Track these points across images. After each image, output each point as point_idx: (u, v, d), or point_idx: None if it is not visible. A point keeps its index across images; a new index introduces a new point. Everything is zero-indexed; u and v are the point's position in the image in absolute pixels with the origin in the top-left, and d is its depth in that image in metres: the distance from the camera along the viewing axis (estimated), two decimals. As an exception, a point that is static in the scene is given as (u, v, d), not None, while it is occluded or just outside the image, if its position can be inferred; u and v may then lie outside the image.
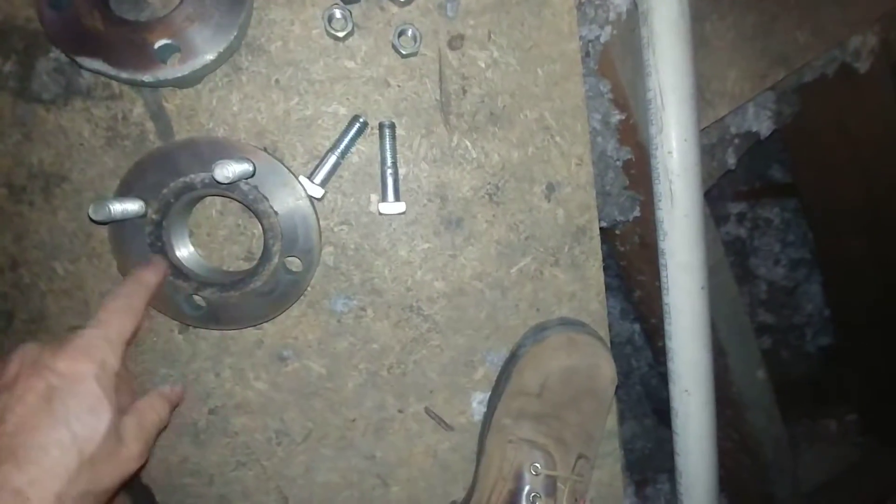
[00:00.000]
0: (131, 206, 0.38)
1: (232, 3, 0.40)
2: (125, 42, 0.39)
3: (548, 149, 0.50)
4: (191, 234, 0.45)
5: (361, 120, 0.45)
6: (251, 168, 0.39)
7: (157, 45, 0.39)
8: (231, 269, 0.46)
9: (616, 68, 0.59)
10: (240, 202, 0.42)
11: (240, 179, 0.39)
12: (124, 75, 0.39)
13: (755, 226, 1.15)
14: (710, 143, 0.72)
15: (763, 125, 0.72)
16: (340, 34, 0.43)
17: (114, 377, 0.36)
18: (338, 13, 0.43)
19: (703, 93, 0.61)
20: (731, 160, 0.75)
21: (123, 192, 0.40)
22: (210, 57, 0.40)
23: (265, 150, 0.44)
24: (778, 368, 1.18)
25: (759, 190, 1.13)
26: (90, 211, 0.37)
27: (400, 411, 0.52)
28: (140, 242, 0.41)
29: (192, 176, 0.39)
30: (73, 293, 0.46)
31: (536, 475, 0.45)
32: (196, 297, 0.43)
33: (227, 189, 0.40)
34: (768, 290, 1.17)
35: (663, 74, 0.53)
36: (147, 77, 0.39)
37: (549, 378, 0.47)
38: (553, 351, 0.48)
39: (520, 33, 0.48)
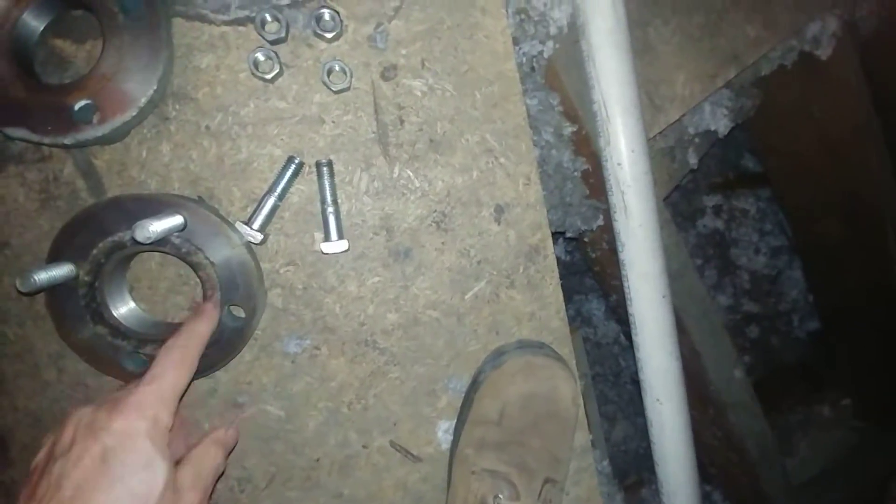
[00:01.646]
0: (59, 272, 0.38)
1: (149, 57, 0.39)
2: (45, 107, 0.38)
3: (493, 171, 0.50)
4: (131, 290, 0.44)
5: (297, 161, 0.44)
6: (181, 221, 0.38)
7: (76, 107, 0.38)
8: (176, 321, 0.45)
9: (563, 81, 0.58)
10: (172, 255, 0.41)
11: (167, 235, 0.38)
12: (47, 140, 0.38)
13: (732, 217, 1.14)
14: (668, 145, 0.71)
15: (720, 123, 0.71)
16: (268, 76, 0.43)
17: (166, 432, 0.36)
18: (261, 56, 0.42)
19: (652, 98, 0.61)
20: (693, 160, 0.75)
21: (53, 257, 0.40)
22: (131, 113, 0.39)
23: (199, 198, 0.43)
24: (768, 358, 1.17)
25: (732, 181, 1.13)
26: (17, 284, 0.36)
27: (364, 447, 0.51)
28: (75, 304, 0.40)
29: (121, 234, 0.39)
30: (24, 356, 0.46)
31: (500, 506, 0.44)
32: (141, 354, 0.42)
33: (159, 244, 0.39)
34: (751, 280, 1.16)
35: (605, 86, 0.52)
36: (67, 140, 0.39)
37: (507, 405, 0.47)
38: (510, 377, 0.47)
39: (454, 58, 0.48)
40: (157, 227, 0.35)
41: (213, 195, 0.45)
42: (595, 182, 0.66)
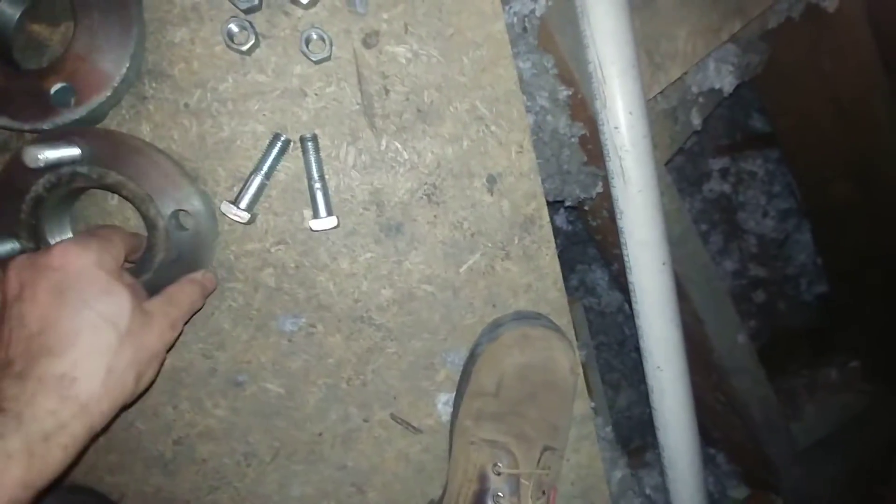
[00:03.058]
0: (2, 248, 0.37)
1: (121, 33, 0.38)
2: (23, 93, 0.37)
3: (484, 140, 0.48)
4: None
5: (283, 138, 0.43)
6: (77, 151, 0.36)
7: (52, 91, 0.37)
8: None
9: (557, 42, 0.56)
10: (91, 187, 0.39)
11: (64, 161, 0.36)
12: (27, 126, 0.37)
13: (739, 180, 1.11)
14: (670, 106, 0.68)
15: (725, 81, 0.68)
16: (244, 48, 0.41)
17: (117, 267, 0.35)
18: (234, 27, 0.40)
19: (651, 56, 0.58)
20: (697, 121, 0.72)
21: None
22: (106, 93, 0.38)
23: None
24: (775, 322, 1.16)
25: (739, 142, 1.09)
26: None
27: (365, 420, 0.52)
28: None
29: (34, 188, 0.37)
30: None
31: (499, 475, 0.44)
32: None
33: (70, 182, 0.37)
34: (759, 244, 1.14)
35: (601, 45, 0.50)
36: (46, 125, 0.38)
37: (504, 377, 0.47)
38: (507, 349, 0.47)
39: (439, 21, 0.45)
40: (47, 152, 0.33)
41: (198, 175, 0.44)
42: (593, 148, 0.64)
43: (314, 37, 0.42)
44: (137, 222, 0.44)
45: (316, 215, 0.45)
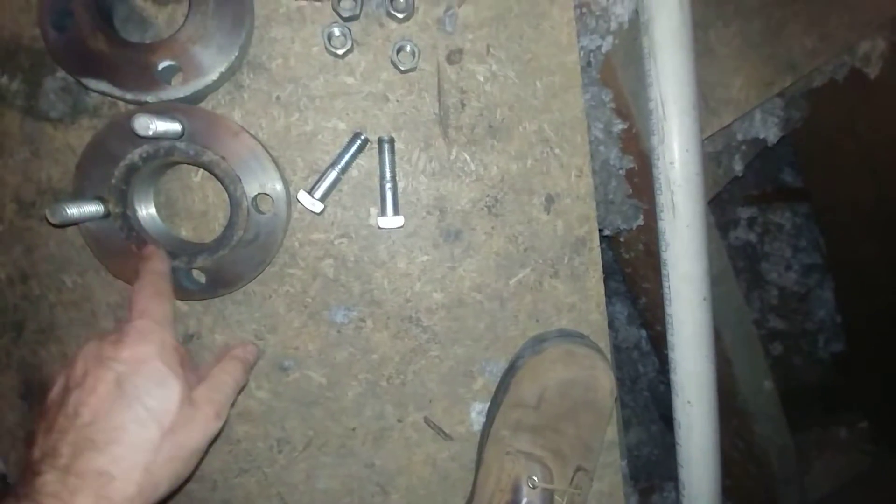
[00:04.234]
0: (89, 208, 0.39)
1: (233, 24, 0.41)
2: (129, 63, 0.40)
3: (547, 160, 0.50)
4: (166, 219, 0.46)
5: (363, 137, 0.46)
6: (178, 125, 0.38)
7: (160, 67, 0.40)
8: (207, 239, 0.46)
9: (618, 77, 0.59)
10: (185, 163, 0.41)
11: (169, 136, 0.38)
12: (129, 96, 0.40)
13: (766, 230, 1.13)
14: (715, 150, 0.71)
15: (770, 132, 0.71)
16: (340, 51, 0.44)
17: (175, 353, 0.37)
18: (337, 31, 0.43)
19: (707, 101, 0.61)
20: (738, 167, 0.74)
21: (78, 198, 0.40)
22: (212, 77, 0.41)
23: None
24: (789, 376, 1.16)
25: (769, 194, 1.11)
26: (47, 214, 0.37)
27: (399, 420, 0.52)
28: (116, 239, 0.41)
29: (130, 156, 0.39)
30: (82, 305, 0.48)
31: (533, 488, 0.45)
32: (194, 272, 0.43)
33: (167, 154, 0.39)
34: (780, 296, 1.15)
35: (665, 85, 0.52)
36: (150, 98, 0.40)
37: (546, 390, 0.47)
38: (551, 363, 0.48)
39: (518, 46, 0.48)
40: (158, 123, 0.35)
41: (278, 164, 0.46)
42: (639, 181, 0.66)
43: (407, 48, 0.45)
44: (215, 200, 0.46)
45: (383, 213, 0.47)
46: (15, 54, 0.45)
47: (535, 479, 0.45)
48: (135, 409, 0.34)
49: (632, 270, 0.82)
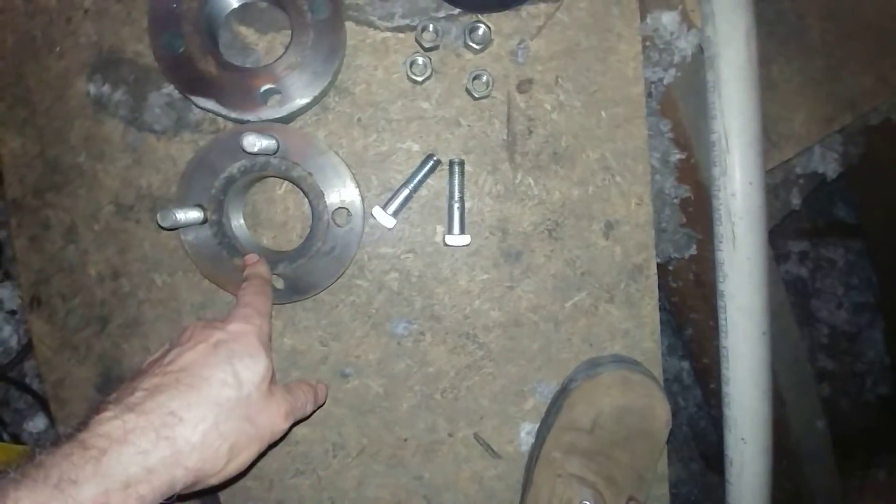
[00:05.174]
0: (192, 214, 0.43)
1: (328, 53, 0.44)
2: (234, 86, 0.44)
3: (608, 188, 0.52)
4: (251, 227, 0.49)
5: (435, 158, 0.48)
6: (274, 143, 0.42)
7: (261, 90, 0.43)
8: (286, 248, 0.49)
9: (678, 109, 0.60)
10: (276, 177, 0.45)
11: (266, 151, 0.42)
12: (233, 115, 0.44)
13: (818, 266, 1.09)
14: (773, 182, 0.70)
15: (829, 167, 0.70)
16: (419, 78, 0.47)
17: (268, 340, 0.39)
18: (420, 60, 0.46)
19: (769, 134, 0.61)
20: (796, 201, 0.73)
21: (181, 205, 0.44)
22: (306, 100, 0.44)
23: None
24: (836, 419, 1.10)
25: (822, 229, 1.08)
26: (158, 218, 0.41)
27: (450, 435, 0.53)
28: (209, 244, 0.45)
29: (229, 169, 0.43)
30: (168, 303, 0.51)
31: (586, 513, 0.45)
32: (273, 278, 0.46)
33: (262, 168, 0.43)
34: (830, 335, 1.11)
35: (729, 118, 0.53)
36: (251, 117, 0.44)
37: (601, 415, 0.48)
38: (606, 388, 0.48)
39: (585, 78, 0.51)
40: (261, 141, 0.39)
41: (355, 179, 0.49)
42: (693, 211, 0.66)
43: (483, 78, 0.47)
44: (294, 212, 0.50)
45: (450, 231, 0.49)
46: (117, 66, 0.50)
47: (588, 503, 0.45)
48: (223, 369, 0.35)
49: (679, 300, 0.81)
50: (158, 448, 0.31)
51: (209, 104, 0.44)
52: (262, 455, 0.37)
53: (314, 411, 0.44)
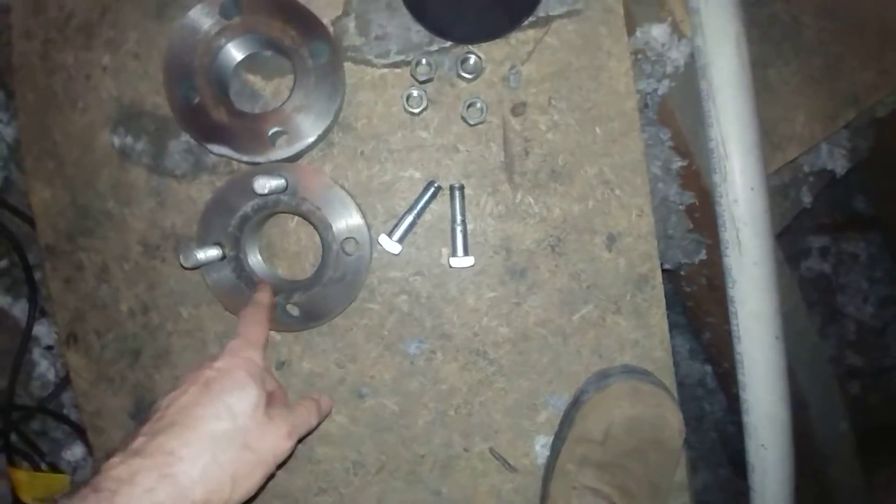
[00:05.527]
0: (213, 252, 0.46)
1: (330, 94, 0.47)
2: (245, 131, 0.47)
3: (608, 201, 0.53)
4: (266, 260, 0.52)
5: (436, 185, 0.50)
6: (283, 182, 0.45)
7: (270, 133, 0.46)
8: (299, 277, 0.52)
9: (676, 117, 0.60)
10: (287, 213, 0.48)
11: (277, 191, 0.44)
12: (245, 158, 0.47)
13: (840, 261, 1.07)
14: (782, 182, 0.70)
15: (838, 163, 0.69)
16: (416, 110, 0.49)
17: (260, 370, 0.41)
18: (415, 93, 0.49)
19: (770, 137, 0.61)
20: (807, 199, 0.73)
21: (201, 244, 0.48)
22: (311, 139, 0.47)
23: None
24: (866, 416, 1.06)
25: (842, 223, 1.06)
26: (181, 259, 0.44)
27: (466, 450, 0.55)
28: (228, 279, 0.48)
29: (244, 208, 0.46)
30: (195, 333, 0.55)
31: (602, 524, 0.45)
32: (289, 307, 0.49)
33: (274, 206, 0.46)
34: (857, 331, 1.07)
35: (725, 125, 0.54)
36: (262, 159, 0.47)
37: (612, 426, 0.48)
38: (616, 399, 0.49)
39: (578, 96, 0.52)
40: (270, 182, 0.42)
41: (362, 211, 0.52)
42: (700, 216, 0.66)
43: (477, 105, 0.49)
44: (307, 242, 0.52)
45: (454, 254, 0.51)
46: (138, 118, 0.54)
47: (604, 515, 0.45)
48: (215, 405, 0.37)
49: (694, 304, 0.80)
50: (163, 486, 0.33)
51: (223, 150, 0.47)
52: (271, 477, 0.40)
53: (319, 423, 0.46)
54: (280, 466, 0.40)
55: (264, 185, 0.41)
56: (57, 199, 0.55)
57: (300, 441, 0.42)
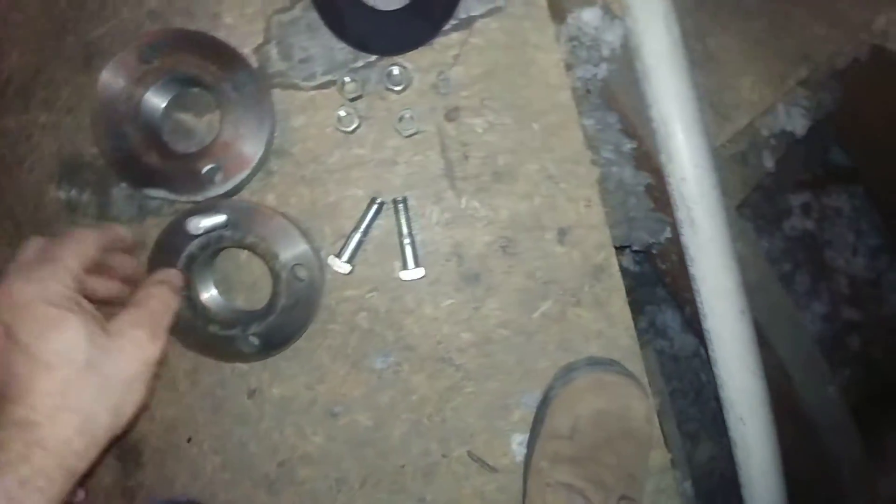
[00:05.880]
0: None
1: (259, 123, 0.48)
2: (179, 171, 0.47)
3: (554, 196, 0.52)
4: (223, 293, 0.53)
5: (378, 201, 0.51)
6: (223, 218, 0.45)
7: (204, 170, 0.47)
8: (257, 307, 0.52)
9: (620, 100, 0.60)
10: (232, 247, 0.48)
11: (216, 227, 0.45)
12: (183, 198, 0.48)
13: (823, 216, 1.05)
14: (739, 150, 0.69)
15: (797, 123, 0.68)
16: (349, 129, 0.50)
17: (65, 291, 0.33)
18: (343, 113, 0.49)
19: (716, 108, 0.60)
20: (769, 163, 0.71)
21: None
22: (247, 171, 0.47)
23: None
24: (871, 370, 1.05)
25: (822, 177, 1.04)
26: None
27: (444, 456, 0.55)
28: (184, 316, 0.48)
29: (189, 248, 0.46)
30: (162, 373, 0.55)
31: (577, 519, 0.46)
32: (251, 338, 0.49)
33: (218, 243, 0.46)
34: (850, 284, 1.06)
35: (664, 105, 0.53)
36: (200, 197, 0.48)
37: (579, 420, 0.49)
38: (580, 393, 0.49)
39: (511, 94, 0.52)
40: (205, 221, 0.42)
41: (309, 235, 0.52)
42: (660, 195, 0.66)
43: (406, 116, 0.49)
44: (261, 273, 0.53)
45: (405, 267, 0.51)
46: (80, 170, 0.54)
47: (577, 509, 0.46)
48: (36, 355, 0.31)
49: (671, 280, 0.80)
50: (33, 452, 0.30)
51: (160, 193, 0.48)
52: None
53: (178, 297, 0.41)
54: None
55: (198, 224, 0.42)
56: (17, 258, 0.56)
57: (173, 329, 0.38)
